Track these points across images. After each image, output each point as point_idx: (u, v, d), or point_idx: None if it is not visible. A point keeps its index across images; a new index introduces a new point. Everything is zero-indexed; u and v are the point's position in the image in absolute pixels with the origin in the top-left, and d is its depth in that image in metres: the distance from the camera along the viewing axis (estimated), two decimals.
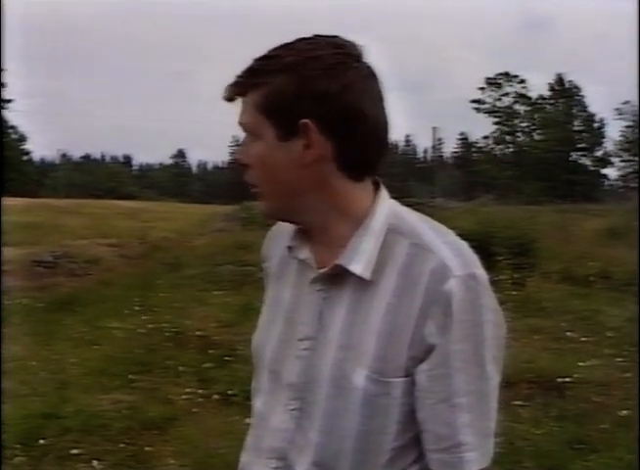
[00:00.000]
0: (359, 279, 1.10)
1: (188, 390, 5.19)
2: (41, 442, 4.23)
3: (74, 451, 4.13)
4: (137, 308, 8.08)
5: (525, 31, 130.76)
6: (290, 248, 1.21)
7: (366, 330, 1.08)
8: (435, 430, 1.07)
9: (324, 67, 1.06)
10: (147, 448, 4.21)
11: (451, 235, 1.13)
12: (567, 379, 5.15)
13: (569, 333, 6.76)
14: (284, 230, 1.25)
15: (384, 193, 1.16)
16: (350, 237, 1.11)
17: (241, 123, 1.14)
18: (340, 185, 1.12)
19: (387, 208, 1.14)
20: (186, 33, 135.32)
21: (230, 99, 1.14)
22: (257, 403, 1.23)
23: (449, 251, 1.08)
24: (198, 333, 6.65)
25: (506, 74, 54.48)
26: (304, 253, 1.18)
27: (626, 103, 50.06)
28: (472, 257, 1.10)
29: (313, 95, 1.06)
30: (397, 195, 1.17)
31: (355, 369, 1.08)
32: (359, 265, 1.09)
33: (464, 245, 1.12)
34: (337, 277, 1.12)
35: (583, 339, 6.55)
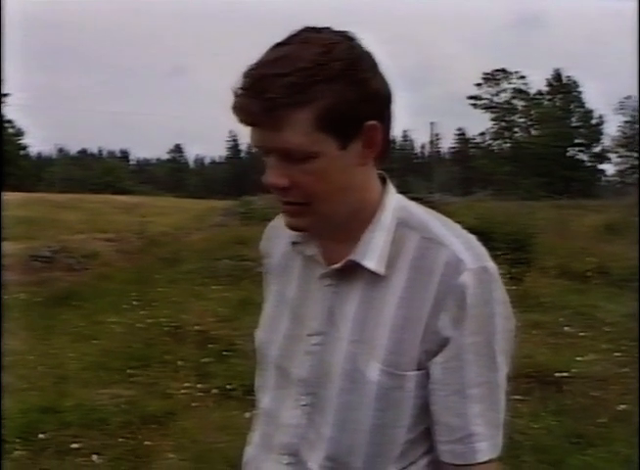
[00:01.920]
0: (371, 274, 1.10)
1: (187, 384, 5.19)
2: (41, 436, 4.23)
3: (74, 446, 4.14)
4: (135, 303, 8.08)
5: (520, 28, 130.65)
6: (294, 244, 1.20)
7: (379, 324, 1.09)
8: (447, 421, 1.08)
9: (369, 65, 1.05)
10: (146, 443, 4.21)
11: (460, 229, 1.14)
12: (565, 374, 5.17)
13: (566, 328, 6.78)
14: (284, 226, 1.24)
15: (391, 187, 1.16)
16: (359, 231, 1.12)
17: (282, 148, 1.02)
18: (373, 177, 1.14)
19: (395, 202, 1.14)
20: (183, 28, 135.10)
21: (256, 123, 1.02)
22: (265, 400, 1.23)
23: (461, 244, 1.09)
24: (196, 328, 6.65)
25: (503, 70, 54.48)
26: (311, 249, 1.18)
27: (628, 98, 50.17)
28: (482, 250, 1.11)
29: (371, 96, 1.04)
30: (395, 190, 1.17)
31: (369, 363, 1.08)
32: (372, 261, 1.09)
33: (473, 238, 1.13)
34: (347, 272, 1.12)
35: (581, 334, 6.56)
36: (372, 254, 1.10)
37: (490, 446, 1.09)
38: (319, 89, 0.99)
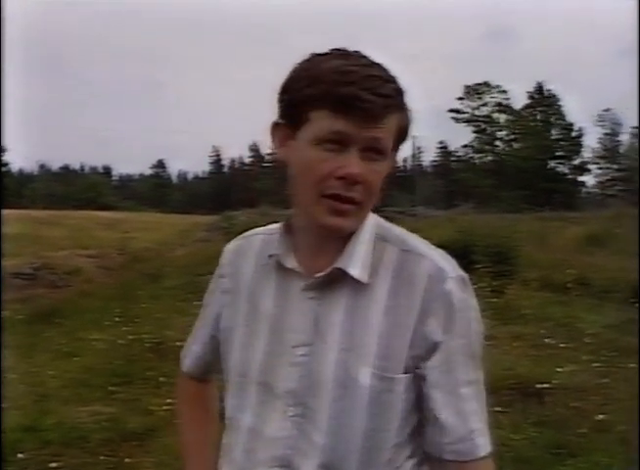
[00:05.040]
0: (355, 283, 1.14)
1: (168, 400, 5.15)
2: (20, 456, 4.18)
3: (53, 465, 4.10)
4: (117, 319, 8.04)
5: (495, 40, 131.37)
6: (271, 256, 1.22)
7: (367, 331, 1.13)
8: (448, 421, 1.13)
9: None
10: (127, 460, 4.18)
11: (429, 244, 1.21)
12: (545, 385, 5.20)
13: (547, 340, 6.83)
14: (251, 244, 1.29)
15: None
16: (341, 244, 1.16)
17: (375, 138, 1.09)
18: None
19: (371, 218, 1.20)
20: (164, 43, 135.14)
21: (371, 115, 1.07)
22: (245, 418, 1.22)
23: (438, 255, 1.16)
24: (178, 343, 6.55)
25: (485, 84, 54.95)
26: (291, 261, 1.20)
27: (607, 110, 50.98)
28: (454, 261, 1.18)
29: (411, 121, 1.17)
30: (378, 204, 1.22)
31: (360, 369, 1.12)
32: (357, 269, 1.14)
33: (444, 252, 1.20)
34: (330, 282, 1.16)
35: (562, 345, 6.61)
36: (355, 263, 1.14)
37: (487, 441, 1.15)
38: (405, 102, 1.13)
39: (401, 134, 1.14)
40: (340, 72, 1.07)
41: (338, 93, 1.06)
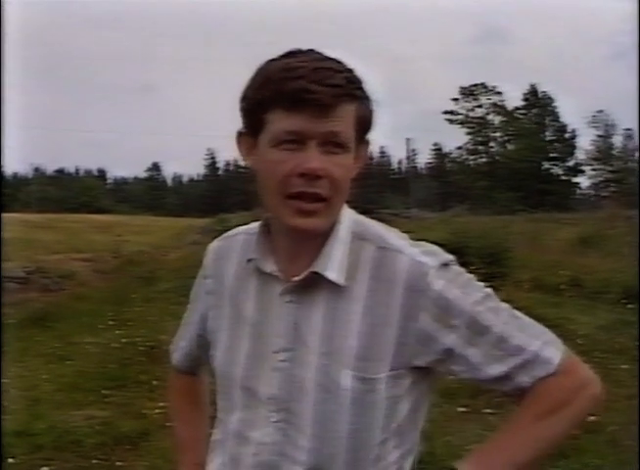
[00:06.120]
0: (332, 285, 1.14)
1: (162, 404, 5.16)
2: (10, 461, 4.16)
3: (45, 469, 4.09)
4: (111, 323, 8.04)
5: (487, 43, 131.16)
6: (250, 261, 1.21)
7: (346, 334, 1.13)
8: (514, 363, 1.13)
9: None
10: (120, 464, 4.18)
11: (409, 239, 1.19)
12: None
13: None
14: (233, 245, 1.28)
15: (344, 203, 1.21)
16: (318, 245, 1.15)
17: (332, 132, 1.07)
18: None
19: (348, 215, 1.19)
20: (159, 45, 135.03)
21: (322, 107, 1.05)
22: (231, 422, 1.22)
23: (416, 249, 1.15)
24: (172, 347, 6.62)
25: (481, 85, 54.96)
26: (269, 266, 1.19)
27: (600, 112, 51.22)
28: (434, 247, 1.17)
29: (373, 116, 1.15)
30: (373, 206, 1.22)
31: (341, 372, 1.12)
32: (333, 272, 1.13)
33: (423, 243, 1.19)
34: (308, 286, 1.15)
35: None
36: (332, 265, 1.13)
37: (554, 348, 1.16)
38: (363, 91, 1.11)
39: (363, 125, 1.12)
40: (287, 69, 1.06)
41: (287, 89, 1.05)
